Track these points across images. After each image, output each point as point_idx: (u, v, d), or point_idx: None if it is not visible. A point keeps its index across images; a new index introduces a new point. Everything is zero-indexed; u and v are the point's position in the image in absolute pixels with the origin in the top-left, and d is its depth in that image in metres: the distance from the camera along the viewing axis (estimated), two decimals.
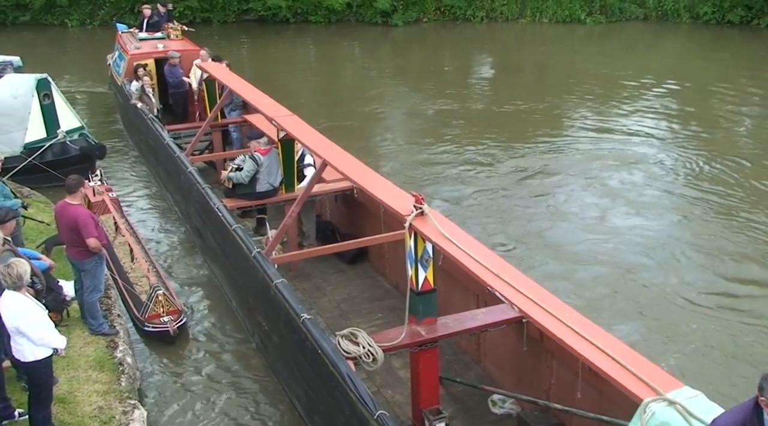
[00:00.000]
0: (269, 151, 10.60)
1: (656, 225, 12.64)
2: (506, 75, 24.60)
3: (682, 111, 19.31)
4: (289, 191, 10.68)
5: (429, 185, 14.64)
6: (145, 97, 14.91)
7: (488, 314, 7.38)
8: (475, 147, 16.70)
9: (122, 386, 7.92)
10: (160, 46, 16.84)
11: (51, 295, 8.48)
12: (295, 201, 9.47)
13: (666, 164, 15.37)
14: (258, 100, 11.10)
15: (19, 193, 12.19)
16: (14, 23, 32.08)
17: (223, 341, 9.59)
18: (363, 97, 21.47)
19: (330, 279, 10.53)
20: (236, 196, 10.68)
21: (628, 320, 9.93)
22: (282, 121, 9.97)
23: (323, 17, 31.28)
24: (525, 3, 31.32)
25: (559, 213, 13.24)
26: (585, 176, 14.80)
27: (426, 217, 6.76)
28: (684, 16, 30.00)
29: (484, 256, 6.36)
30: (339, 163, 8.28)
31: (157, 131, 13.55)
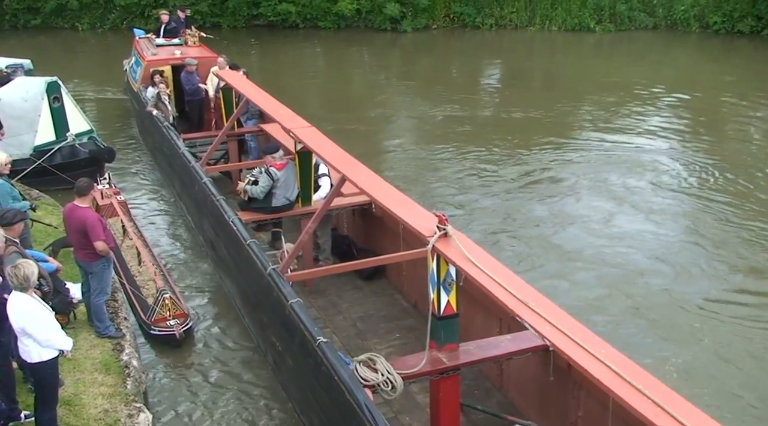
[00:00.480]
0: (285, 166, 10.28)
1: (665, 231, 12.66)
2: (515, 82, 24.59)
3: (691, 120, 19.27)
4: (306, 205, 10.40)
5: (435, 189, 14.75)
6: (160, 105, 14.66)
7: (513, 341, 7.06)
8: (483, 152, 16.72)
9: (128, 389, 7.93)
10: (178, 53, 16.63)
11: (58, 298, 8.51)
12: (312, 217, 9.06)
13: (675, 172, 15.36)
14: (275, 110, 10.73)
15: (28, 195, 12.23)
16: (26, 26, 32.26)
17: (229, 347, 9.59)
18: (371, 102, 21.52)
19: (346, 296, 10.18)
20: (251, 209, 10.39)
21: (632, 321, 10.00)
22: (300, 132, 9.57)
23: (332, 23, 31.34)
24: (534, 11, 31.32)
25: (566, 217, 13.29)
26: (593, 182, 14.83)
27: (450, 238, 6.48)
28: (693, 25, 29.95)
29: (511, 282, 6.09)
30: (358, 179, 7.93)
31: (173, 139, 13.30)
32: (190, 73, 15.57)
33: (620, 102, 20.68)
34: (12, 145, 12.80)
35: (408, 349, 8.56)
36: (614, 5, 30.58)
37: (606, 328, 9.66)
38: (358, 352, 8.29)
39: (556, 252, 12.02)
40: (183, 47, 17.32)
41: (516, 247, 12.18)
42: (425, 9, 31.27)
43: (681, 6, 30.08)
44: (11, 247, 7.48)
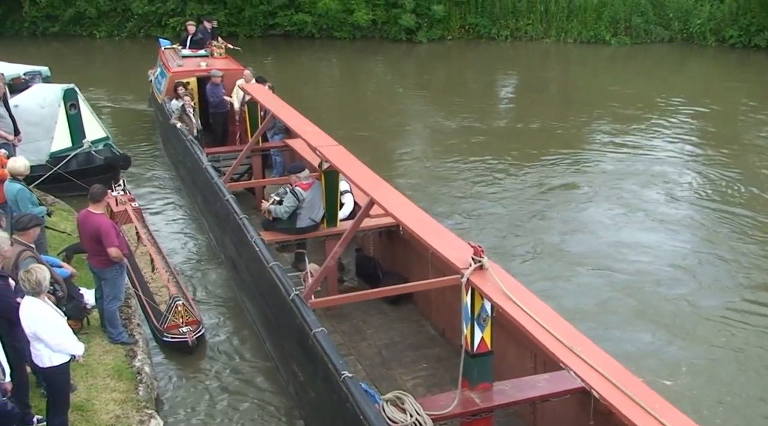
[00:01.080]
0: (311, 186, 9.94)
1: (679, 241, 12.70)
2: (530, 93, 24.57)
3: (706, 133, 19.19)
4: (331, 226, 10.10)
5: (447, 196, 14.85)
6: (185, 117, 14.44)
7: (551, 382, 6.66)
8: (496, 162, 16.74)
9: (140, 395, 7.95)
10: (203, 65, 16.44)
11: (72, 303, 8.55)
12: (338, 239, 8.75)
13: (690, 183, 15.38)
14: (301, 127, 10.40)
15: (44, 200, 12.31)
16: (44, 34, 32.55)
17: (242, 355, 9.60)
18: (385, 111, 21.58)
19: (371, 321, 9.72)
20: (275, 230, 10.06)
21: (644, 326, 10.09)
22: (326, 151, 9.21)
23: (348, 33, 31.44)
24: (550, 23, 31.32)
25: (580, 225, 13.39)
26: (608, 192, 14.87)
27: (485, 271, 6.16)
28: (710, 39, 29.83)
29: (550, 321, 5.75)
30: (387, 202, 7.59)
31: (196, 154, 13.04)
32: (215, 85, 15.42)
33: (635, 114, 20.61)
34: (28, 151, 12.88)
35: (435, 381, 8.29)
36: (630, 18, 30.54)
37: (618, 332, 9.90)
38: (383, 383, 8.19)
39: (568, 259, 12.09)
40: (209, 59, 17.16)
41: (527, 254, 12.25)
42: (440, 20, 31.33)
43: (697, 20, 29.98)
44: (26, 252, 7.53)
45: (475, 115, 20.63)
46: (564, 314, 5.97)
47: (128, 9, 32.21)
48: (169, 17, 31.43)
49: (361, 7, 30.69)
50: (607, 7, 30.64)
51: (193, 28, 18.42)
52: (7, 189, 9.54)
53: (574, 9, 31.04)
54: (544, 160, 16.83)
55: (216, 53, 17.45)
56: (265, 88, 13.52)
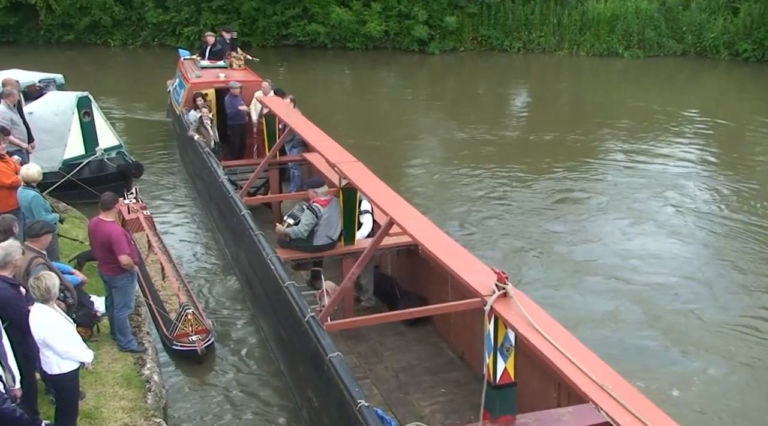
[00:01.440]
0: (329, 203, 9.64)
1: (691, 253, 12.78)
2: (542, 105, 24.57)
3: (719, 146, 19.12)
4: (349, 244, 9.82)
5: (457, 206, 14.90)
6: (202, 129, 14.26)
7: (575, 416, 6.32)
8: (507, 173, 16.78)
9: (148, 404, 7.94)
10: (222, 76, 16.29)
11: (82, 310, 8.57)
12: (355, 258, 8.60)
13: (702, 196, 15.39)
14: (320, 142, 10.13)
15: (56, 208, 12.36)
16: (59, 42, 32.82)
17: (251, 367, 9.58)
18: (397, 121, 21.65)
19: (387, 342, 9.43)
20: (291, 247, 9.78)
21: (652, 335, 10.18)
22: (345, 167, 8.95)
23: (361, 44, 31.54)
24: (562, 35, 31.33)
25: (591, 236, 13.47)
26: (620, 204, 14.93)
27: (509, 299, 5.94)
28: (723, 52, 29.77)
29: (577, 353, 5.52)
30: (406, 222, 7.36)
31: (212, 167, 12.85)
32: (233, 96, 15.27)
33: (648, 126, 20.58)
34: (42, 158, 12.95)
35: (454, 407, 8.04)
36: (643, 31, 30.52)
37: (626, 340, 10.00)
38: (400, 409, 8.00)
39: (576, 267, 12.19)
40: (228, 70, 17.04)
41: (536, 263, 12.36)
42: (453, 32, 31.41)
43: (711, 33, 29.93)
44: (38, 259, 7.55)
45: (486, 126, 20.63)
46: (570, 321, 5.90)
47: (143, 18, 32.48)
48: (183, 27, 31.64)
49: (374, 18, 30.81)
50: (620, 20, 30.64)
51: (212, 39, 18.32)
52: (21, 196, 9.59)
53: (587, 22, 31.07)
54: (555, 171, 16.83)
55: (235, 64, 17.36)
56: (283, 101, 13.32)
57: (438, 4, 31.04)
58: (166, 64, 29.73)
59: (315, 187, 9.81)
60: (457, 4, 31.79)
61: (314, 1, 31.24)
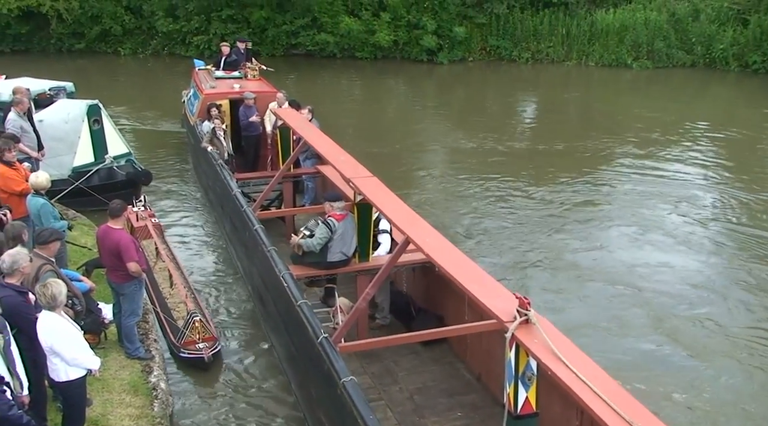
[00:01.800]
0: (345, 218, 9.42)
1: (700, 262, 12.84)
2: (550, 115, 24.55)
3: (728, 157, 19.07)
4: (363, 261, 9.60)
5: (464, 214, 14.96)
6: (215, 140, 14.05)
7: None
8: (515, 182, 16.84)
9: (155, 411, 7.94)
10: (237, 87, 16.13)
11: (90, 318, 8.59)
12: (370, 277, 8.35)
13: (711, 206, 15.46)
14: (334, 156, 9.85)
15: (65, 215, 12.39)
16: (70, 50, 33.00)
17: (257, 374, 9.58)
18: (405, 130, 21.69)
19: (402, 362, 9.13)
20: (304, 264, 9.52)
21: (660, 341, 10.29)
22: (360, 183, 8.72)
23: (370, 53, 31.62)
24: (571, 46, 31.35)
25: (599, 244, 13.58)
26: (628, 213, 15.04)
27: (532, 326, 5.73)
28: (732, 64, 29.71)
29: (602, 384, 5.29)
30: (423, 242, 7.13)
31: (225, 180, 12.64)
32: (248, 107, 15.07)
33: (657, 137, 20.55)
34: (51, 166, 13.01)
35: None
36: (652, 42, 30.49)
37: (632, 346, 10.15)
38: None
39: (582, 274, 12.31)
40: (242, 80, 16.90)
41: (542, 270, 12.46)
42: (462, 42, 31.46)
43: (720, 44, 29.89)
44: (46, 266, 7.57)
45: (495, 136, 20.64)
46: (575, 326, 5.83)
47: (153, 27, 32.65)
48: (193, 36, 31.77)
49: (383, 28, 30.90)
50: (629, 31, 30.63)
51: (227, 49, 18.12)
52: (30, 203, 9.63)
53: (595, 32, 31.09)
54: (564, 181, 16.85)
55: (250, 75, 17.23)
56: (298, 113, 13.02)
57: (447, 14, 31.11)
58: (175, 72, 29.94)
59: (332, 201, 9.61)
60: (466, 14, 31.86)
61: (323, 11, 31.36)
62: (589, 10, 32.02)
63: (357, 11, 31.63)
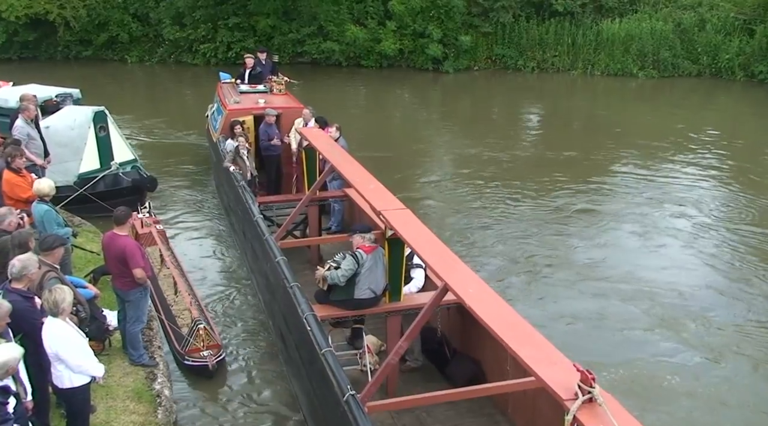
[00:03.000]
0: (375, 250, 8.60)
1: (705, 264, 13.17)
2: (555, 124, 24.56)
3: (733, 167, 19.05)
4: (394, 300, 8.73)
5: (469, 220, 15.03)
6: (238, 160, 13.18)
7: None
8: (520, 189, 16.94)
9: (158, 418, 7.94)
10: (261, 102, 15.21)
11: (95, 324, 8.59)
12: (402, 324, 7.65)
13: (717, 214, 15.62)
14: (363, 184, 9.08)
15: (71, 221, 12.43)
16: (77, 58, 33.14)
17: (262, 383, 9.58)
18: (410, 137, 21.75)
19: (436, 412, 8.20)
20: (330, 302, 8.67)
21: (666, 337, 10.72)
22: (391, 217, 7.98)
23: (375, 62, 31.66)
24: (577, 55, 31.34)
25: (604, 248, 13.82)
26: (632, 219, 15.18)
27: (596, 406, 4.90)
28: (738, 74, 29.68)
29: None
30: (466, 293, 6.34)
31: (247, 203, 11.79)
32: (269, 124, 14.13)
33: (662, 146, 20.56)
34: (57, 172, 13.04)
35: None
36: (658, 52, 30.47)
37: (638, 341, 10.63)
38: None
39: (593, 280, 12.53)
40: (268, 95, 16.04)
41: (547, 271, 12.78)
42: (467, 50, 31.49)
43: (726, 54, 29.86)
44: (51, 273, 7.59)
45: (500, 144, 20.67)
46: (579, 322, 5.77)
47: (159, 35, 32.75)
48: (199, 44, 31.86)
49: (389, 36, 30.95)
50: (634, 41, 30.62)
51: (252, 61, 17.45)
52: (35, 210, 9.66)
53: (601, 42, 31.07)
54: (569, 188, 16.93)
55: (275, 89, 16.36)
56: (324, 133, 12.14)
57: (452, 23, 31.15)
58: (182, 80, 30.08)
59: (362, 233, 8.82)
60: (472, 23, 31.91)
61: (329, 20, 31.44)
62: (595, 19, 32.00)
63: (363, 20, 31.71)
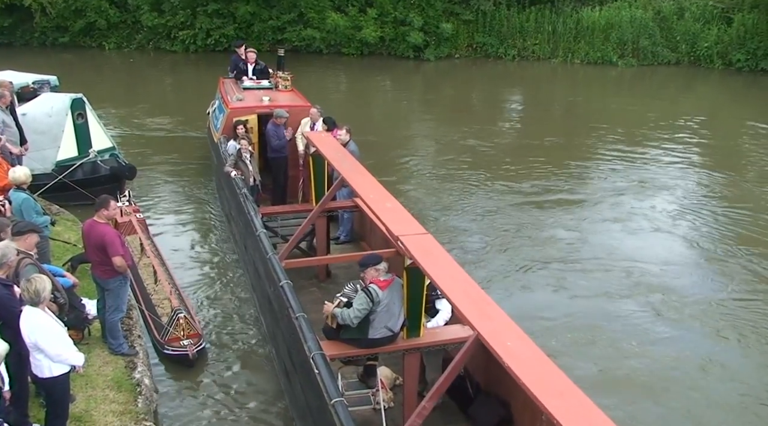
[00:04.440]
0: (390, 284, 7.43)
1: (682, 247, 13.55)
2: (535, 111, 24.69)
3: (712, 153, 19.35)
4: (413, 336, 7.56)
5: (450, 208, 15.07)
6: (240, 164, 12.26)
7: None
8: (499, 174, 17.07)
9: (139, 407, 7.90)
10: (266, 99, 14.23)
11: (74, 313, 8.52)
12: (419, 355, 6.91)
13: (691, 198, 15.93)
14: (378, 202, 8.05)
15: (48, 210, 12.30)
16: (54, 44, 32.75)
17: (243, 371, 9.54)
18: (390, 124, 21.83)
19: None
20: (340, 339, 7.60)
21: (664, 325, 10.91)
22: (411, 244, 6.88)
23: (356, 50, 31.58)
24: (557, 44, 31.45)
25: (584, 233, 13.99)
26: (609, 204, 15.46)
27: None
28: (716, 62, 29.94)
29: None
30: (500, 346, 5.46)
31: (249, 214, 10.69)
32: (277, 126, 13.05)
33: (640, 132, 20.80)
34: (35, 160, 12.92)
35: None
36: (637, 40, 30.66)
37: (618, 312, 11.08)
38: None
39: (571, 265, 12.70)
40: (273, 92, 14.99)
41: (529, 258, 12.82)
42: (448, 38, 31.49)
43: (704, 43, 30.12)
44: (26, 260, 7.48)
45: (480, 131, 20.75)
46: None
47: (138, 21, 32.45)
48: (178, 30, 31.61)
49: (370, 24, 30.86)
50: (614, 29, 30.79)
51: (254, 56, 16.04)
52: (12, 198, 9.55)
53: (581, 30, 31.21)
54: (548, 173, 17.10)
55: (281, 85, 15.33)
56: (333, 139, 10.99)
57: (433, 11, 31.12)
58: (161, 67, 29.83)
59: (373, 265, 7.60)
60: (453, 11, 31.90)
61: (310, 7, 31.29)
62: (576, 7, 32.13)
63: (343, 7, 31.61)
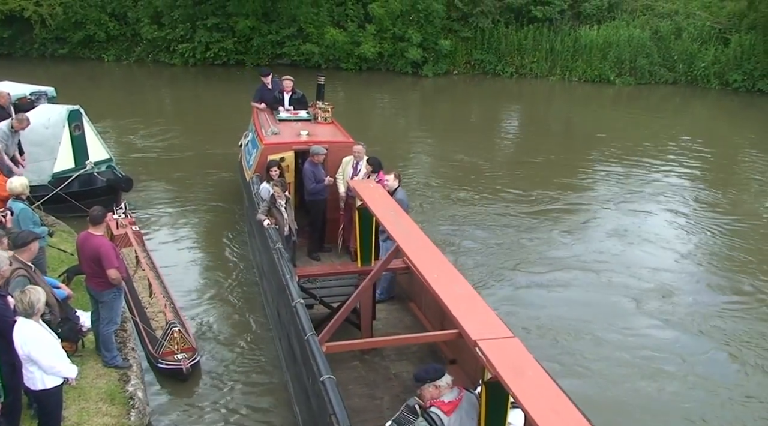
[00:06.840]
0: (458, 405, 6.01)
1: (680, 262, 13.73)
2: (533, 128, 24.73)
3: (707, 173, 19.39)
4: None
5: (446, 224, 15.08)
6: (274, 211, 10.69)
7: None
8: (496, 191, 17.08)
9: (131, 421, 7.86)
10: (304, 134, 12.62)
11: (68, 325, 8.48)
12: None
13: (688, 215, 16.00)
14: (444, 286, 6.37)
15: (45, 221, 12.27)
16: (53, 56, 32.79)
17: (237, 386, 9.48)
18: (388, 140, 21.73)
19: None
20: None
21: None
22: (493, 352, 5.36)
23: (354, 65, 31.66)
24: (555, 61, 31.58)
25: (580, 249, 14.08)
26: (608, 222, 15.52)
27: None
28: (713, 82, 30.07)
29: None
30: None
31: (284, 277, 9.06)
32: (315, 164, 11.66)
33: (637, 150, 20.84)
34: (32, 171, 12.90)
35: None
36: (635, 59, 30.79)
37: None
38: None
39: (567, 270, 12.99)
40: (311, 125, 13.42)
41: (526, 270, 13.01)
42: (447, 55, 31.60)
43: (701, 63, 30.26)
44: (19, 271, 7.46)
45: (477, 148, 20.77)
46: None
47: (137, 34, 32.50)
48: (177, 43, 31.68)
49: (368, 40, 30.97)
50: (612, 48, 30.92)
51: (291, 84, 14.47)
52: (13, 208, 9.53)
53: (579, 48, 31.34)
54: (544, 191, 17.13)
55: (320, 117, 13.71)
56: (381, 190, 9.24)
57: (432, 28, 31.24)
58: (160, 80, 29.86)
59: (433, 380, 6.10)
60: (452, 27, 32.03)
61: (309, 22, 31.40)
62: (573, 26, 32.28)
63: (343, 22, 31.72)
